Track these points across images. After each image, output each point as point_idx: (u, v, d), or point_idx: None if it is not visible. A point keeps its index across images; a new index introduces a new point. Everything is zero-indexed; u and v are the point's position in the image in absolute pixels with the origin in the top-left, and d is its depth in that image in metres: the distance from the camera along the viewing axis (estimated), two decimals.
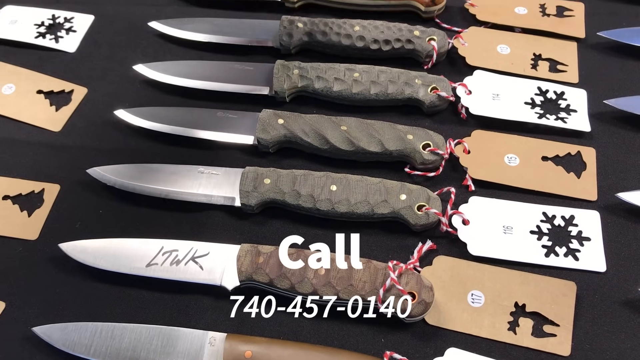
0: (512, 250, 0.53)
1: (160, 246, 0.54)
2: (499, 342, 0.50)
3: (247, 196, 0.56)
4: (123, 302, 0.53)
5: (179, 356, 0.48)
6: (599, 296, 0.52)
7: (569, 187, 0.57)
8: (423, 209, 0.54)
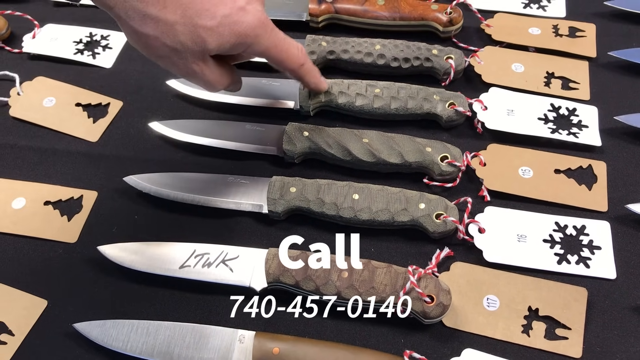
0: (526, 257, 0.56)
1: (193, 249, 0.57)
2: (513, 344, 0.52)
3: (274, 203, 0.59)
4: (157, 302, 0.56)
5: (210, 352, 0.51)
6: (609, 302, 0.54)
7: (581, 198, 0.60)
8: (441, 218, 0.57)
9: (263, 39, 0.52)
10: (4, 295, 0.57)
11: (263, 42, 0.52)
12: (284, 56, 0.55)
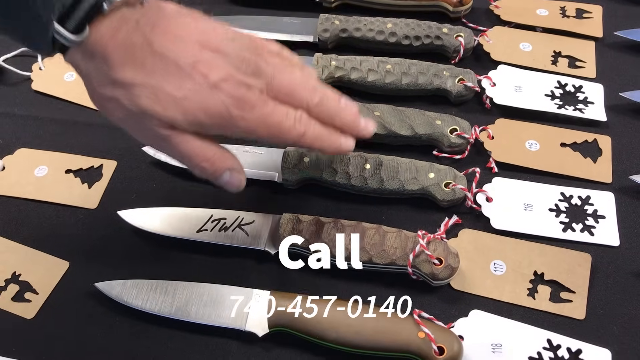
0: (532, 225, 0.58)
1: (210, 214, 0.59)
2: (519, 306, 0.54)
3: (288, 172, 0.61)
4: (175, 264, 0.58)
5: (227, 310, 0.53)
6: (612, 267, 0.56)
7: (586, 170, 0.62)
8: (450, 186, 0.59)
9: (242, 120, 0.45)
10: (28, 257, 0.59)
11: (242, 123, 0.45)
12: (275, 132, 0.47)
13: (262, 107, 0.46)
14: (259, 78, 0.46)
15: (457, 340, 0.50)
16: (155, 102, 0.44)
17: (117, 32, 0.43)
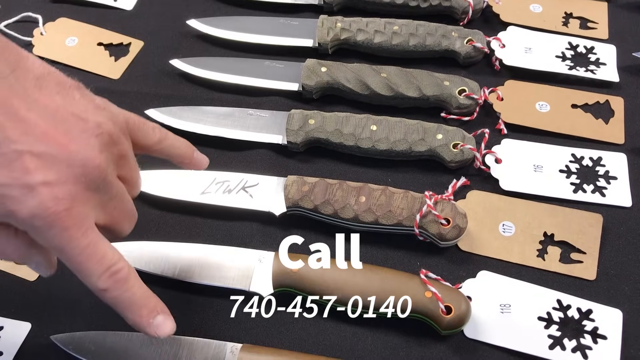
0: (542, 186, 0.57)
1: (213, 177, 0.58)
2: (528, 267, 0.53)
3: (293, 134, 0.60)
4: (179, 227, 0.57)
5: (232, 271, 0.53)
6: (624, 228, 0.55)
7: (597, 131, 0.60)
8: (458, 147, 0.58)
9: (44, 235, 0.36)
10: None
11: (43, 238, 0.36)
12: (75, 267, 0.38)
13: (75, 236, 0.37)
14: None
15: (464, 299, 0.49)
16: None
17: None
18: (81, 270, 0.38)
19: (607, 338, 0.48)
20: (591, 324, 0.49)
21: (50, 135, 0.36)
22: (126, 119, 0.43)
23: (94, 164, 0.37)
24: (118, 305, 0.40)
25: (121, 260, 0.39)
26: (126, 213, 0.42)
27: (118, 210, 0.41)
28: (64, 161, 0.36)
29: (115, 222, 0.41)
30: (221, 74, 0.66)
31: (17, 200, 0.35)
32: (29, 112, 0.35)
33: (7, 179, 0.35)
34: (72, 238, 0.37)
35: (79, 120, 0.38)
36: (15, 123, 0.35)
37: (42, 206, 0.35)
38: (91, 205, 0.38)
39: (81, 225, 0.37)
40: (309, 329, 0.52)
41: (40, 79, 0.37)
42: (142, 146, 0.45)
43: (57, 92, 0.38)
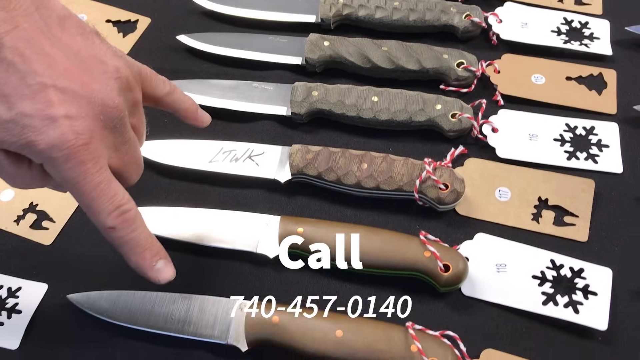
0: (536, 154, 0.59)
1: (220, 146, 0.61)
2: (523, 230, 0.55)
3: (297, 106, 0.62)
4: (189, 194, 0.60)
5: (240, 234, 0.55)
6: (615, 193, 0.57)
7: (590, 102, 0.62)
8: (457, 116, 0.60)
9: (60, 167, 0.37)
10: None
11: (58, 171, 0.38)
12: (86, 203, 0.39)
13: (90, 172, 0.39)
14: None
15: (462, 258, 0.51)
16: None
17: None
18: (92, 207, 0.39)
19: (598, 294, 0.50)
20: (582, 281, 0.51)
21: (73, 73, 0.38)
22: (139, 69, 0.45)
23: (113, 103, 0.39)
24: (123, 245, 0.42)
25: (130, 201, 0.41)
26: (135, 160, 0.44)
27: (129, 156, 0.43)
28: (85, 98, 0.38)
29: (125, 167, 0.43)
30: (226, 49, 0.68)
31: (38, 131, 0.36)
32: (53, 49, 0.37)
33: (31, 110, 0.36)
34: (87, 173, 0.38)
35: (99, 62, 0.40)
36: (41, 57, 0.36)
37: (63, 138, 0.36)
38: (106, 145, 0.40)
39: (97, 161, 0.38)
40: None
41: (63, 19, 0.39)
42: (152, 97, 0.47)
43: (78, 34, 0.40)
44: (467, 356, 0.47)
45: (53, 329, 0.52)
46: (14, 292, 0.54)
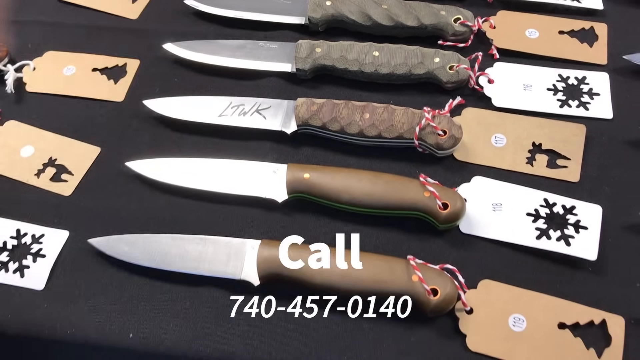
0: (530, 103, 0.62)
1: (229, 101, 0.64)
2: (518, 172, 0.58)
3: (301, 62, 0.65)
4: (199, 147, 0.63)
5: (249, 182, 0.58)
6: (605, 138, 0.60)
7: (582, 53, 0.65)
8: (454, 68, 0.63)
9: None
10: (63, 144, 0.64)
11: None
12: None
13: None
14: None
15: (460, 198, 0.54)
16: None
17: None
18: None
19: (588, 229, 0.53)
20: (574, 217, 0.54)
21: None
22: None
23: None
24: None
25: None
26: None
27: None
28: None
29: None
30: (233, 11, 0.71)
31: None
32: None
33: None
34: None
35: None
36: None
37: None
38: None
39: None
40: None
41: None
42: None
43: None
44: (465, 286, 0.51)
45: (75, 271, 0.55)
46: (37, 238, 0.57)
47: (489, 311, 0.50)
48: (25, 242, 0.57)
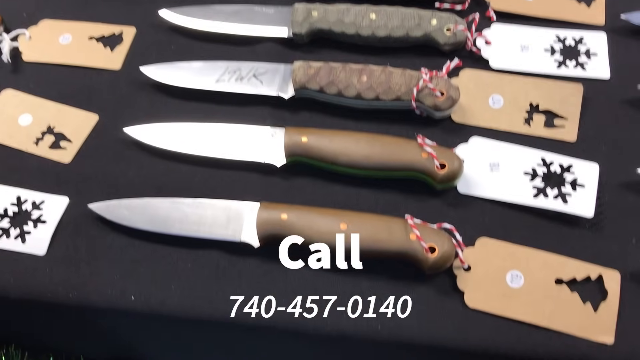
0: (528, 64, 0.62)
1: (226, 66, 0.63)
2: (515, 133, 0.59)
3: (298, 26, 0.65)
4: (196, 113, 0.63)
5: (247, 146, 0.58)
6: (603, 97, 0.60)
7: (580, 14, 0.65)
8: (451, 30, 0.62)
9: None
10: (61, 112, 0.64)
11: None
12: None
13: None
14: None
15: (457, 158, 0.54)
16: None
17: None
18: None
19: (585, 186, 0.54)
20: (571, 176, 0.54)
21: None
22: None
23: None
24: None
25: None
26: None
27: None
28: None
29: None
30: None
31: None
32: None
33: None
34: None
35: None
36: None
37: None
38: None
39: None
40: (319, 194, 0.57)
41: None
42: None
43: None
44: (462, 244, 0.51)
45: (76, 237, 0.56)
46: (37, 205, 0.57)
47: (486, 268, 0.51)
48: (26, 209, 0.57)
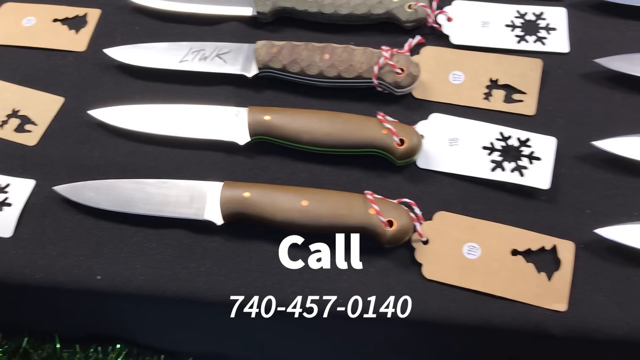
0: (488, 39, 0.63)
1: (190, 47, 0.64)
2: (475, 108, 0.59)
3: (261, 4, 0.65)
4: (161, 93, 0.63)
5: (211, 125, 0.59)
6: (561, 71, 0.61)
7: None
8: (412, 6, 0.63)
9: None
10: (26, 95, 0.64)
11: None
12: None
13: None
14: None
15: (416, 134, 0.55)
16: None
17: None
18: None
19: (542, 159, 0.55)
20: (528, 149, 0.55)
21: None
22: None
23: None
24: None
25: None
26: None
27: None
28: None
29: None
30: None
31: None
32: None
33: None
34: None
35: None
36: None
37: None
38: None
39: None
40: (286, 173, 0.58)
41: None
42: None
43: None
44: (421, 218, 0.52)
45: (43, 218, 0.56)
46: (3, 187, 0.58)
47: (444, 241, 0.52)
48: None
